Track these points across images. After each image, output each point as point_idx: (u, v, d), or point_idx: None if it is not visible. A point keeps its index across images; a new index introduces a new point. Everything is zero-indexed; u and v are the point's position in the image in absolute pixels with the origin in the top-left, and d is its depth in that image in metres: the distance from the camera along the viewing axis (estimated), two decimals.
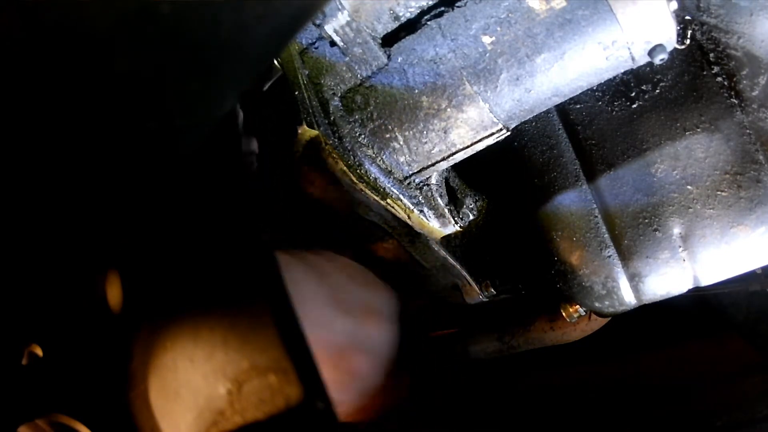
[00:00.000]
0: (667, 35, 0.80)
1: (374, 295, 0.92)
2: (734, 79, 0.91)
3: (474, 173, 1.09)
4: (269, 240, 0.61)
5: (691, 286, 0.98)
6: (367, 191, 0.94)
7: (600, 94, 0.99)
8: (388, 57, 0.88)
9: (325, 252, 0.92)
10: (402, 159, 0.92)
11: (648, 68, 0.95)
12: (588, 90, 0.90)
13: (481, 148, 0.91)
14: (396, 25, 0.89)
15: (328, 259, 0.92)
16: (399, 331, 0.92)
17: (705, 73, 0.93)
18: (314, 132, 0.93)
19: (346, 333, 0.83)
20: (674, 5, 0.78)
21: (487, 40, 0.82)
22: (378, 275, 1.06)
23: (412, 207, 0.95)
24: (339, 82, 0.92)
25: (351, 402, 0.84)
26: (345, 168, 0.93)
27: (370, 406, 0.92)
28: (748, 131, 0.91)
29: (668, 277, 0.96)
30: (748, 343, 1.52)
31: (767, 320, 1.48)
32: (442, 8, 0.86)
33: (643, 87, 0.97)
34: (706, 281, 0.96)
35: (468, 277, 1.11)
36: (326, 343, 0.80)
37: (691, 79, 0.94)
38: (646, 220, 0.96)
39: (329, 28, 0.85)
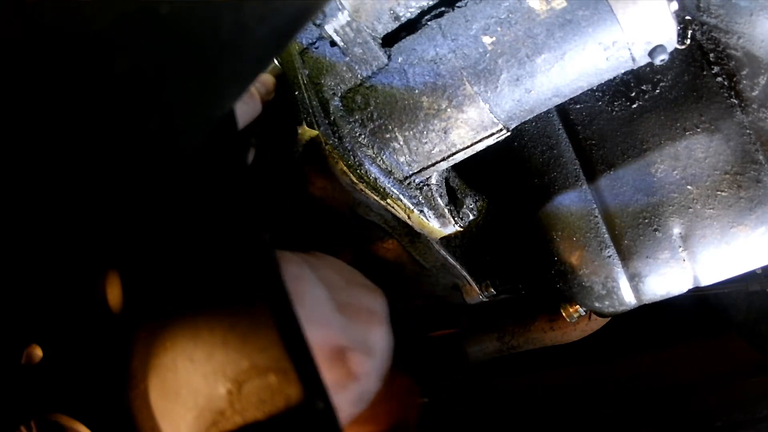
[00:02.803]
0: (668, 36, 0.80)
1: (372, 298, 0.92)
2: (734, 79, 0.91)
3: (474, 173, 1.09)
4: (269, 240, 0.61)
5: (691, 286, 0.98)
6: (367, 191, 0.94)
7: (600, 94, 1.00)
8: (389, 57, 0.88)
9: (322, 254, 0.92)
10: (402, 159, 0.92)
11: (648, 68, 0.95)
12: (588, 90, 0.90)
13: (481, 148, 0.91)
14: (396, 25, 0.89)
15: (326, 262, 0.92)
16: (393, 335, 0.92)
17: (705, 73, 0.93)
18: (314, 132, 0.93)
19: (346, 334, 0.83)
20: (675, 6, 0.78)
21: (487, 40, 0.82)
22: (378, 275, 1.05)
23: (412, 207, 0.95)
24: (339, 82, 0.92)
25: (351, 404, 0.83)
26: (345, 168, 0.93)
27: (371, 414, 0.91)
28: (748, 131, 0.91)
29: (668, 277, 0.96)
30: (748, 343, 1.52)
31: (767, 320, 1.48)
32: (443, 8, 0.86)
33: (643, 87, 0.97)
34: (706, 281, 0.96)
35: (468, 277, 1.11)
36: (325, 344, 0.80)
37: (691, 79, 0.94)
38: (646, 220, 0.96)
39: (329, 28, 0.85)
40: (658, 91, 0.96)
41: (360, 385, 0.84)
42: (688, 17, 0.90)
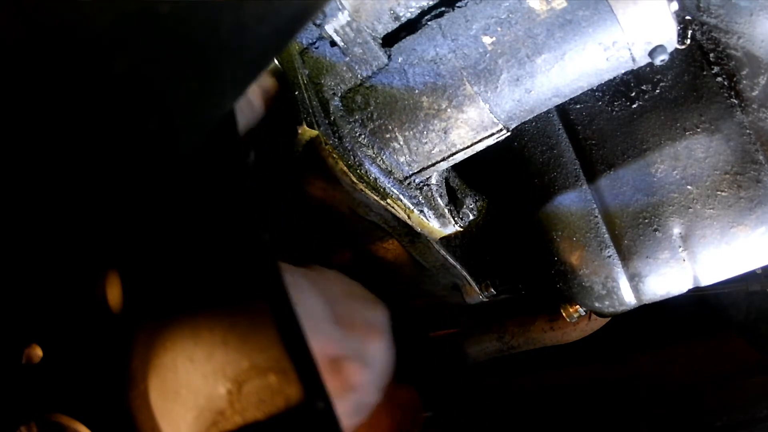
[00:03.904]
0: (668, 36, 0.80)
1: (372, 310, 0.92)
2: (734, 79, 0.91)
3: (474, 173, 1.09)
4: (269, 240, 0.61)
5: (691, 286, 0.98)
6: (367, 191, 0.94)
7: (600, 94, 0.99)
8: (389, 57, 0.88)
9: (322, 268, 0.92)
10: (402, 159, 0.92)
11: (648, 68, 0.95)
12: (588, 90, 0.90)
13: (481, 148, 0.91)
14: (396, 25, 0.89)
15: (325, 275, 0.91)
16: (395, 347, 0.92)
17: (705, 73, 0.93)
18: (314, 132, 0.93)
19: (342, 345, 0.84)
20: (675, 6, 0.78)
21: (487, 40, 0.82)
22: (378, 275, 1.06)
23: (412, 207, 0.95)
24: (339, 82, 0.92)
25: (347, 415, 0.83)
26: (345, 168, 0.93)
27: (372, 426, 0.90)
28: (748, 131, 0.90)
29: (668, 277, 0.96)
30: (748, 343, 1.52)
31: (767, 320, 1.48)
32: (443, 8, 0.86)
33: (643, 87, 0.97)
34: (706, 281, 0.96)
35: (468, 277, 1.11)
36: (321, 353, 0.79)
37: (691, 79, 0.94)
38: (646, 220, 0.96)
39: (329, 28, 0.85)
40: (658, 91, 0.96)
41: (357, 395, 0.84)
42: (688, 17, 0.90)
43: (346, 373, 0.83)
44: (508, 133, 0.90)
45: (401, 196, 0.94)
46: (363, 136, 0.92)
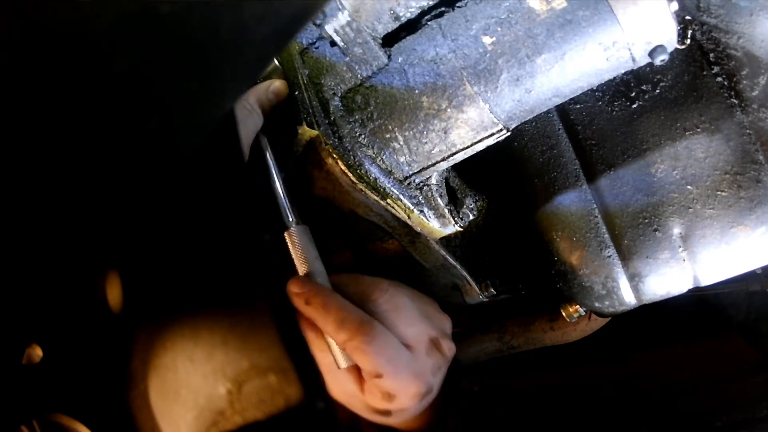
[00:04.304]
0: (668, 36, 0.80)
1: (429, 300, 1.15)
2: (734, 79, 0.91)
3: (474, 173, 1.09)
4: (270, 240, 0.61)
5: (691, 286, 0.98)
6: (367, 191, 0.94)
7: (600, 94, 0.99)
8: (389, 57, 0.88)
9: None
10: (402, 159, 0.92)
11: (648, 68, 0.95)
12: (588, 90, 0.90)
13: (481, 148, 0.91)
14: (396, 25, 0.89)
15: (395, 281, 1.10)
16: None
17: (705, 73, 0.93)
18: (314, 132, 0.93)
19: (434, 326, 1.05)
20: (675, 6, 0.78)
21: (487, 40, 0.82)
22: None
23: (412, 207, 0.95)
24: (339, 82, 0.92)
25: (440, 385, 1.04)
26: (345, 168, 0.93)
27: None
28: (748, 131, 0.90)
29: (668, 277, 0.96)
30: (748, 343, 1.52)
31: (767, 320, 1.48)
32: (443, 8, 0.86)
33: (643, 87, 0.97)
34: (706, 281, 0.96)
35: (468, 277, 1.11)
36: (426, 336, 1.02)
37: (691, 79, 0.94)
38: (646, 220, 0.96)
39: (329, 28, 0.85)
40: (658, 91, 0.96)
41: (448, 366, 1.05)
42: (688, 17, 0.90)
43: (443, 348, 1.03)
44: (508, 133, 0.90)
45: (401, 196, 0.94)
46: (363, 136, 0.92)
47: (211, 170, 0.66)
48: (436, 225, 0.99)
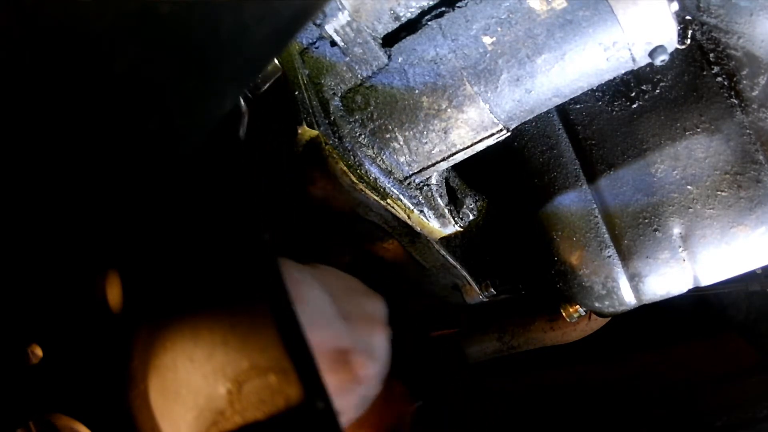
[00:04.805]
0: (668, 36, 0.80)
1: (372, 303, 0.94)
2: (734, 79, 0.91)
3: (474, 173, 1.09)
4: (270, 240, 0.61)
5: (691, 286, 0.98)
6: (367, 191, 0.94)
7: (600, 94, 0.99)
8: (389, 57, 0.88)
9: (323, 266, 0.93)
10: (402, 159, 0.92)
11: (648, 68, 0.95)
12: (588, 90, 0.90)
13: (482, 148, 0.91)
14: (396, 25, 0.89)
15: (327, 272, 0.92)
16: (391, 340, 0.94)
17: (705, 73, 0.93)
18: (314, 132, 0.93)
19: (351, 338, 0.84)
20: (675, 6, 0.78)
21: (487, 40, 0.82)
22: (378, 275, 1.06)
23: (412, 207, 0.95)
24: (339, 82, 0.92)
25: (354, 408, 0.84)
26: (345, 168, 0.93)
27: (367, 419, 0.91)
28: (748, 131, 0.90)
29: (668, 277, 0.96)
30: (748, 343, 1.52)
31: (767, 320, 1.48)
32: (443, 8, 0.86)
33: (643, 87, 0.97)
34: (706, 281, 0.96)
35: (468, 277, 1.11)
36: (329, 346, 0.81)
37: (691, 79, 0.94)
38: (646, 220, 0.96)
39: (330, 28, 0.85)
40: (658, 91, 0.96)
41: (363, 388, 0.85)
42: (688, 17, 0.90)
43: (354, 365, 0.84)
44: (508, 134, 0.90)
45: (401, 196, 0.94)
46: (363, 136, 0.92)
47: (211, 170, 0.66)
48: (436, 225, 0.99)
